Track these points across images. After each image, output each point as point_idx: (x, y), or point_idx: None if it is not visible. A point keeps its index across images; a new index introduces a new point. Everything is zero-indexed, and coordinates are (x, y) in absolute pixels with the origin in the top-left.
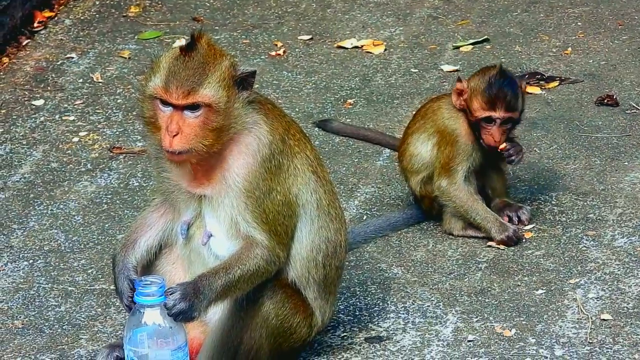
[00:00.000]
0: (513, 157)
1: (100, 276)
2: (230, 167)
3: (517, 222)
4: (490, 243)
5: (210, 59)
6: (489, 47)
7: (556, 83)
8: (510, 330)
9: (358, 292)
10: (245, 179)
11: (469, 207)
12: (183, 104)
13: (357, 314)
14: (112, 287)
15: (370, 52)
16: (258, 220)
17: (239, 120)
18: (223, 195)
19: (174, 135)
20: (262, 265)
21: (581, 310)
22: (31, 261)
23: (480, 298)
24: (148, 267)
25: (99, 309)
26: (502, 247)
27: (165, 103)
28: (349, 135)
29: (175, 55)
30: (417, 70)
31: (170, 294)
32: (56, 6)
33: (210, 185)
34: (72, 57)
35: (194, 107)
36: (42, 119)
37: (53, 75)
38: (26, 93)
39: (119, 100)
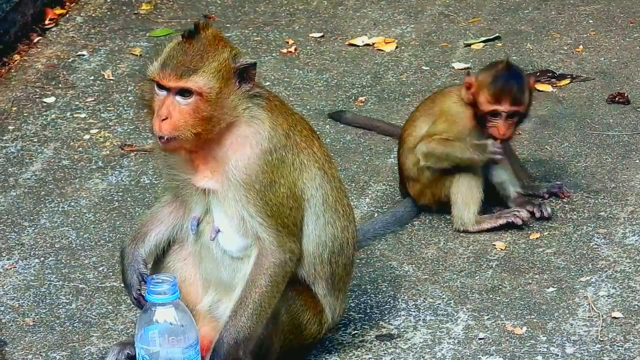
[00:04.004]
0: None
1: (111, 273)
2: (229, 160)
3: (539, 216)
4: (495, 243)
5: (211, 49)
6: (500, 44)
7: (567, 81)
8: (521, 328)
9: (369, 290)
10: (243, 172)
11: (444, 147)
12: (174, 87)
13: (368, 311)
14: (122, 282)
15: (382, 50)
16: (262, 213)
17: (234, 113)
18: (226, 188)
19: (163, 120)
20: (278, 272)
21: (592, 308)
22: (42, 259)
23: (491, 296)
24: (158, 263)
25: (110, 307)
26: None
27: (160, 87)
28: (361, 127)
29: (178, 41)
30: (428, 68)
31: None
32: (67, 3)
33: (214, 178)
34: (84, 55)
35: (186, 92)
36: (53, 116)
37: (64, 72)
38: (37, 90)
39: (130, 98)
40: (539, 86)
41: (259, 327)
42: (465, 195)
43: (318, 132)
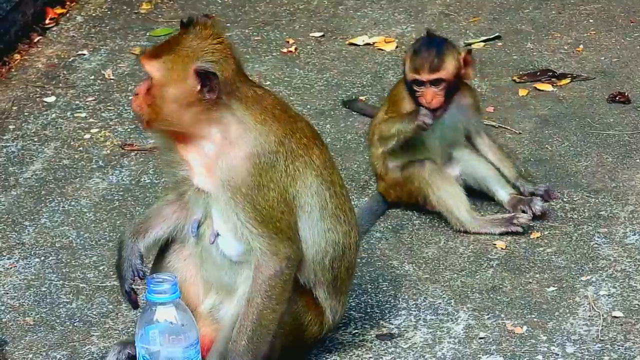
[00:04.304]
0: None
1: (111, 273)
2: (218, 160)
3: (531, 214)
4: (496, 242)
5: (186, 43)
6: (500, 44)
7: (568, 80)
8: (521, 328)
9: (369, 289)
10: (228, 174)
11: (387, 125)
12: (141, 62)
13: (369, 311)
14: (116, 273)
15: (382, 49)
16: (252, 220)
17: (187, 114)
18: (218, 190)
19: (135, 95)
20: (275, 284)
21: (592, 307)
22: (42, 258)
23: (491, 295)
24: (159, 262)
25: (111, 306)
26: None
27: None
28: (371, 116)
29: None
30: None
31: None
32: (68, 3)
33: (209, 179)
34: (84, 54)
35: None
36: (53, 115)
37: (64, 72)
38: (38, 90)
39: (130, 97)
40: (540, 85)
41: (265, 344)
42: (447, 199)
43: (318, 132)
